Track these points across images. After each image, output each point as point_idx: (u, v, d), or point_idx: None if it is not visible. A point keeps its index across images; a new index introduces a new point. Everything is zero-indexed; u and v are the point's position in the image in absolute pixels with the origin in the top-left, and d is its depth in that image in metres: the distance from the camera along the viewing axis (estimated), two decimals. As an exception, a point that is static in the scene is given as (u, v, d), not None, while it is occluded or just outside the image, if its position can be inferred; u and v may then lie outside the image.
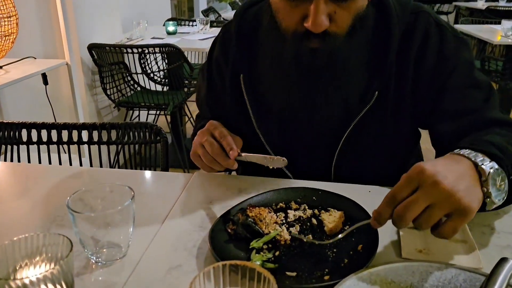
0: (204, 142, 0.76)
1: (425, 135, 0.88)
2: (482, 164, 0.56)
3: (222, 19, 4.15)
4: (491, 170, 0.55)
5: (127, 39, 2.62)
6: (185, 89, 2.63)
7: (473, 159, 0.57)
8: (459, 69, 0.76)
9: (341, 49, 0.70)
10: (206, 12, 4.21)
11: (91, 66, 2.50)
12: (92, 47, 2.30)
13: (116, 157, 1.17)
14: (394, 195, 0.53)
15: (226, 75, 0.85)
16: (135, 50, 2.30)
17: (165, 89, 2.91)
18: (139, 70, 2.73)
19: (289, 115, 0.81)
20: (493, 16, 5.20)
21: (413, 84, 0.77)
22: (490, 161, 0.57)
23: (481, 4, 5.47)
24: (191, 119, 2.94)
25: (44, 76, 1.77)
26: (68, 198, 0.57)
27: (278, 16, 0.72)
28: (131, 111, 2.71)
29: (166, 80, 2.87)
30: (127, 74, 2.56)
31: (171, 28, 2.80)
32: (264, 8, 0.79)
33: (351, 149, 0.80)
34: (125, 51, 2.31)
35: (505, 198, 0.57)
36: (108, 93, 2.44)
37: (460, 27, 3.41)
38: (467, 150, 0.59)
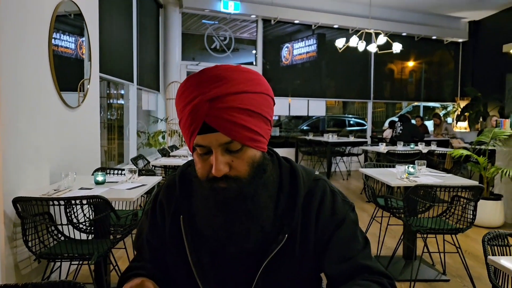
0: None
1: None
2: None
3: (151, 167, 4.35)
4: None
5: (54, 190, 2.67)
6: (111, 237, 2.65)
7: None
8: (345, 225, 0.99)
9: (246, 187, 0.89)
10: (135, 160, 4.40)
11: (13, 218, 2.48)
12: (17, 201, 2.32)
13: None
14: None
15: (168, 215, 1.02)
16: (61, 202, 2.35)
17: (90, 237, 2.89)
18: (64, 220, 2.73)
19: (217, 248, 0.95)
20: (395, 159, 5.95)
21: (314, 233, 0.97)
22: None
23: (382, 149, 6.27)
24: (116, 267, 2.89)
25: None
26: None
27: (196, 168, 0.93)
28: (52, 263, 2.63)
29: (92, 228, 2.87)
30: (51, 225, 2.55)
31: (99, 178, 2.91)
32: None
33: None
34: (51, 203, 2.35)
35: None
36: (30, 245, 2.39)
37: (364, 170, 3.89)
38: None
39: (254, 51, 8.91)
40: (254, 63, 8.89)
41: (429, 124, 9.87)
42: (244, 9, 8.19)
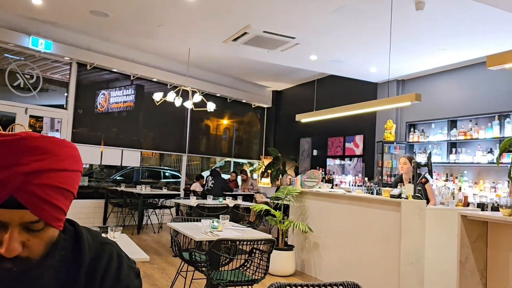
0: None
1: None
2: None
3: None
4: None
5: None
6: None
7: None
8: None
9: (33, 269, 0.80)
10: None
11: None
12: None
13: None
14: None
15: None
16: None
17: None
18: None
19: None
20: (205, 212, 6.17)
21: None
22: None
23: (193, 202, 6.46)
24: None
25: None
26: None
27: None
28: None
29: None
30: None
31: None
32: None
33: None
34: None
35: None
36: None
37: (172, 224, 3.92)
38: None
39: (66, 94, 8.34)
40: (65, 107, 8.29)
41: (237, 179, 10.64)
42: (57, 49, 7.69)
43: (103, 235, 2.79)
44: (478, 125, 6.15)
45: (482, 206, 5.54)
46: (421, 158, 6.57)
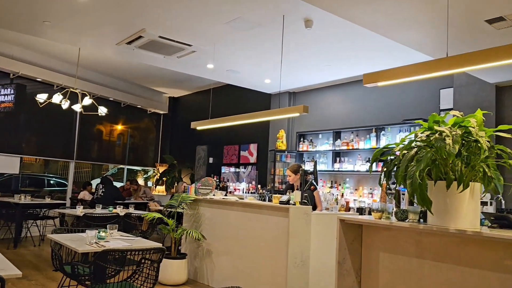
0: None
1: None
2: None
3: None
4: None
5: None
6: None
7: None
8: None
9: None
10: None
11: None
12: None
13: None
14: None
15: None
16: None
17: None
18: None
19: None
20: (94, 222, 5.82)
21: None
22: None
23: (79, 211, 6.07)
24: None
25: None
26: None
27: None
28: None
29: None
30: None
31: None
32: None
33: None
34: None
35: None
36: None
37: (52, 236, 3.64)
38: None
39: None
40: None
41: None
42: None
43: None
44: (358, 136, 6.74)
45: (361, 210, 6.08)
46: (309, 166, 6.99)
